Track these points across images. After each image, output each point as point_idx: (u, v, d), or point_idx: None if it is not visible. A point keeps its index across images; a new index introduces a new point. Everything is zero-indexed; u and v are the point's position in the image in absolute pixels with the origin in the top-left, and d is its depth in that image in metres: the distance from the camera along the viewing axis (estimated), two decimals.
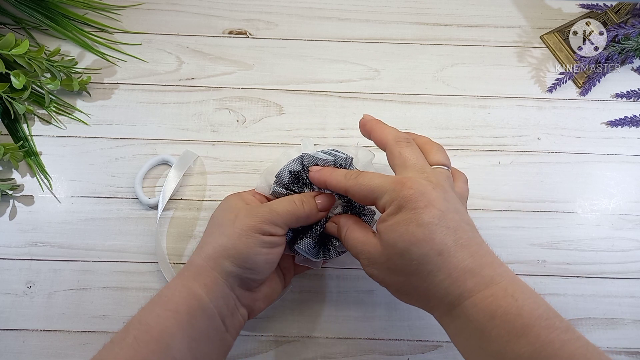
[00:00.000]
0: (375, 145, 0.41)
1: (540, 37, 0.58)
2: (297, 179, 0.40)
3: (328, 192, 0.40)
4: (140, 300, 0.47)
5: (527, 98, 0.55)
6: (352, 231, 0.37)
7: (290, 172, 0.40)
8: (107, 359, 0.32)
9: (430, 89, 0.56)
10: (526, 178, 0.52)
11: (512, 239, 0.50)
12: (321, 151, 0.41)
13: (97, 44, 0.57)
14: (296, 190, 0.40)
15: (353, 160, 0.42)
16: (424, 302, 0.34)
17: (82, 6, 0.57)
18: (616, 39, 0.54)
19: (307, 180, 0.40)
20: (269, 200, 0.41)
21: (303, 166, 0.40)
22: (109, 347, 0.33)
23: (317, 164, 0.40)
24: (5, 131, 0.52)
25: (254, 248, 0.36)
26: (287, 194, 0.40)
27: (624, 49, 0.54)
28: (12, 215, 0.50)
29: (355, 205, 0.41)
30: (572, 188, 0.52)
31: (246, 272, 0.37)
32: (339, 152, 0.42)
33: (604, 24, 0.55)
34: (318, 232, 0.40)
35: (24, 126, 0.53)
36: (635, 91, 0.55)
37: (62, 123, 0.53)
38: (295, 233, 0.41)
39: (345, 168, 0.41)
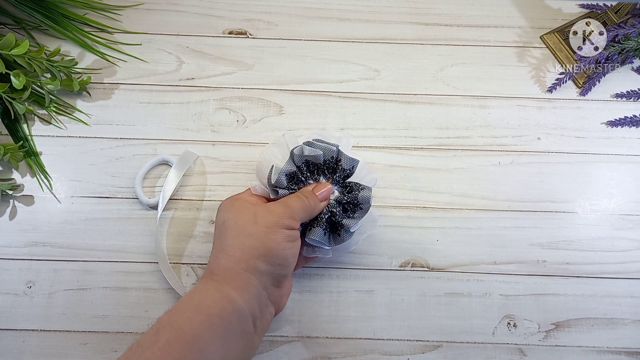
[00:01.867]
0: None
1: (540, 37, 0.58)
2: (293, 178, 0.42)
3: (323, 181, 0.43)
4: (141, 300, 0.47)
5: (527, 98, 0.55)
6: None
7: (286, 175, 0.42)
8: None
9: (430, 89, 0.56)
10: (526, 178, 0.52)
11: (512, 239, 0.50)
12: (306, 143, 0.43)
13: (97, 44, 0.57)
14: (295, 188, 0.43)
15: (339, 146, 0.43)
16: None
17: (82, 6, 0.57)
18: (616, 39, 0.54)
19: (302, 178, 0.43)
20: (267, 200, 0.43)
21: (296, 166, 0.42)
22: (137, 351, 0.32)
23: (307, 161, 0.42)
24: (5, 131, 0.52)
25: (281, 243, 0.37)
26: (290, 194, 0.42)
27: (624, 49, 0.54)
28: (12, 215, 0.50)
29: (351, 189, 0.43)
30: (572, 188, 0.52)
31: (277, 268, 0.38)
32: (324, 141, 0.43)
33: (604, 24, 0.55)
34: (324, 219, 0.42)
35: (24, 126, 0.53)
36: (635, 91, 0.55)
37: (62, 123, 0.53)
38: (304, 227, 0.43)
39: (334, 158, 0.43)
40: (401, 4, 0.60)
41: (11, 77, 0.49)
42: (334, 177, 0.43)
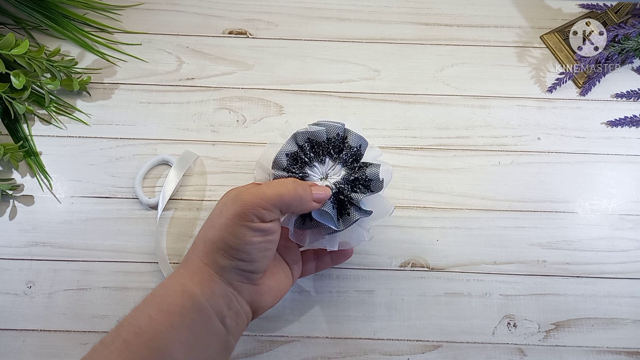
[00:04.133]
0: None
1: (540, 37, 0.58)
2: (295, 160, 0.39)
3: (329, 163, 0.39)
4: (140, 300, 0.47)
5: (527, 98, 0.55)
6: None
7: (286, 154, 0.38)
8: None
9: (430, 89, 0.56)
10: (526, 178, 0.52)
11: (512, 239, 0.50)
12: (310, 124, 0.40)
13: (97, 44, 0.57)
14: (296, 172, 0.39)
15: (345, 124, 0.40)
16: None
17: (82, 6, 0.57)
18: (616, 39, 0.54)
19: (306, 159, 0.39)
20: None
21: (298, 145, 0.39)
22: (98, 349, 0.32)
23: (309, 139, 0.39)
24: (5, 131, 0.52)
25: (242, 238, 0.34)
26: (289, 177, 0.38)
27: (624, 49, 0.54)
28: (12, 215, 0.50)
29: (359, 167, 0.39)
30: (572, 188, 0.52)
31: (240, 263, 0.34)
32: (330, 121, 0.40)
33: (604, 24, 0.55)
34: (330, 198, 0.38)
35: (24, 126, 0.53)
36: (635, 91, 0.55)
37: (62, 123, 0.53)
38: (304, 217, 0.39)
39: (340, 136, 0.39)
40: (401, 4, 0.60)
41: (11, 77, 0.49)
42: (340, 156, 0.39)
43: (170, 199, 0.49)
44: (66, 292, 0.47)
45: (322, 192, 0.37)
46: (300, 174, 0.39)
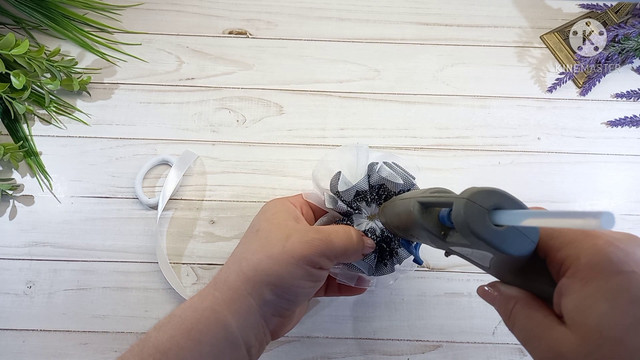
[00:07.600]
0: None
1: (540, 37, 0.58)
2: (360, 198, 0.38)
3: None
4: (141, 300, 0.47)
5: (527, 98, 0.55)
6: (526, 308, 0.26)
7: (357, 192, 0.38)
8: None
9: (430, 89, 0.56)
10: (526, 178, 0.52)
11: None
12: (385, 163, 0.39)
13: (97, 44, 0.57)
14: (354, 207, 0.38)
15: (416, 179, 0.39)
16: None
17: (82, 6, 0.57)
18: (616, 39, 0.54)
19: (369, 198, 0.38)
20: (313, 208, 0.40)
21: (369, 184, 0.38)
22: None
23: (384, 185, 0.38)
24: (5, 131, 0.52)
25: (298, 280, 0.33)
26: (347, 211, 0.38)
27: (624, 49, 0.54)
28: (12, 215, 0.50)
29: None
30: (572, 188, 0.52)
31: (283, 302, 0.34)
32: (402, 168, 0.39)
33: (604, 24, 0.55)
34: (375, 241, 0.38)
35: (24, 126, 0.53)
36: (635, 91, 0.55)
37: (62, 123, 0.53)
38: None
39: (407, 191, 0.37)
40: (401, 4, 0.60)
41: (11, 77, 0.49)
42: None
43: (170, 199, 0.49)
44: (66, 292, 0.47)
45: (370, 247, 0.37)
46: (357, 211, 0.38)
